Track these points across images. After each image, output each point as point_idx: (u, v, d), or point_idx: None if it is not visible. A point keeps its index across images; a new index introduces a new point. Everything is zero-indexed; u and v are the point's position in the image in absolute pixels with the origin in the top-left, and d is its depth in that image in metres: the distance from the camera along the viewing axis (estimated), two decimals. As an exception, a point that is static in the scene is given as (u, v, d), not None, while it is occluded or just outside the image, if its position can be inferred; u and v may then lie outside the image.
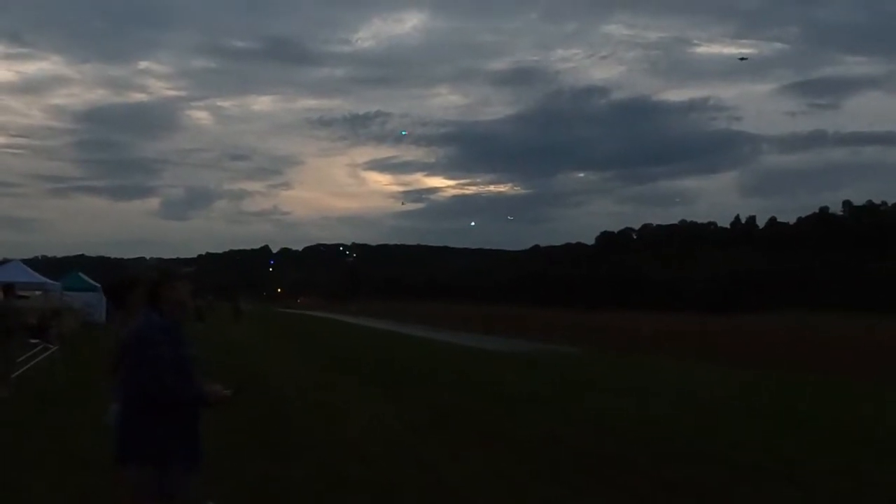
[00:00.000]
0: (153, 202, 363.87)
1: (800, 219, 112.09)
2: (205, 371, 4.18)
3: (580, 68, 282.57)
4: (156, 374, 3.83)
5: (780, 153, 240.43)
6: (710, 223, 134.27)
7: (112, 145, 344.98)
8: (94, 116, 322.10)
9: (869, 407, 13.14)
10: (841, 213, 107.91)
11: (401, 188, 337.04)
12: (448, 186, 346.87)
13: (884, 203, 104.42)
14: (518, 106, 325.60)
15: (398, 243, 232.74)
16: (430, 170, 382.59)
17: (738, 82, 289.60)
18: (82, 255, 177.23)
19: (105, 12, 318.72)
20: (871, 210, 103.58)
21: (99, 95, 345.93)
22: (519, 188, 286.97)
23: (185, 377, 3.92)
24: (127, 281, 4.21)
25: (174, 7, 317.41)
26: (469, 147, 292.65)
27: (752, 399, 14.06)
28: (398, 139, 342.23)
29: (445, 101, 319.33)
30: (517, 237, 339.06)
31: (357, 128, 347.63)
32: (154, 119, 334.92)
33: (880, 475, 7.89)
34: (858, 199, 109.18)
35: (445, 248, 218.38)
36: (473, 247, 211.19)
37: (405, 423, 10.86)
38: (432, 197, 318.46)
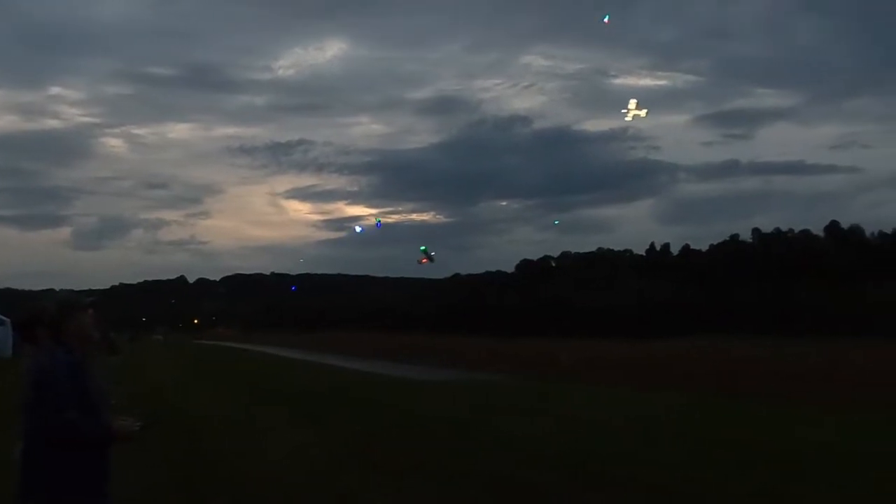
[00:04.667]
0: (64, 232, 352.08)
1: (712, 246, 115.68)
2: (114, 406, 4.07)
3: (502, 98, 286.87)
4: (58, 410, 3.72)
5: (696, 182, 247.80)
6: (626, 250, 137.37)
7: (22, 173, 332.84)
8: (3, 143, 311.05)
9: (782, 428, 13.53)
10: (750, 241, 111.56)
11: (322, 217, 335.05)
12: (370, 215, 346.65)
13: (790, 230, 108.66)
14: (441, 135, 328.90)
15: (319, 272, 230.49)
16: (353, 198, 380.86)
17: (657, 112, 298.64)
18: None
19: (15, 36, 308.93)
20: (778, 237, 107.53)
21: (8, 122, 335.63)
22: (441, 216, 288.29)
23: (90, 412, 3.81)
24: (31, 314, 4.07)
25: (89, 32, 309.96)
26: (392, 175, 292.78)
27: (668, 422, 14.35)
28: (319, 167, 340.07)
29: (368, 130, 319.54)
30: (438, 266, 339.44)
31: (278, 156, 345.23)
32: (66, 146, 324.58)
33: (797, 498, 8.13)
34: (768, 227, 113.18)
35: (366, 276, 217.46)
36: (394, 276, 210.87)
37: (327, 452, 10.75)
38: (354, 225, 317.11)
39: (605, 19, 49.31)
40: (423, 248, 30.87)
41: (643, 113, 24.46)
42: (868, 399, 16.59)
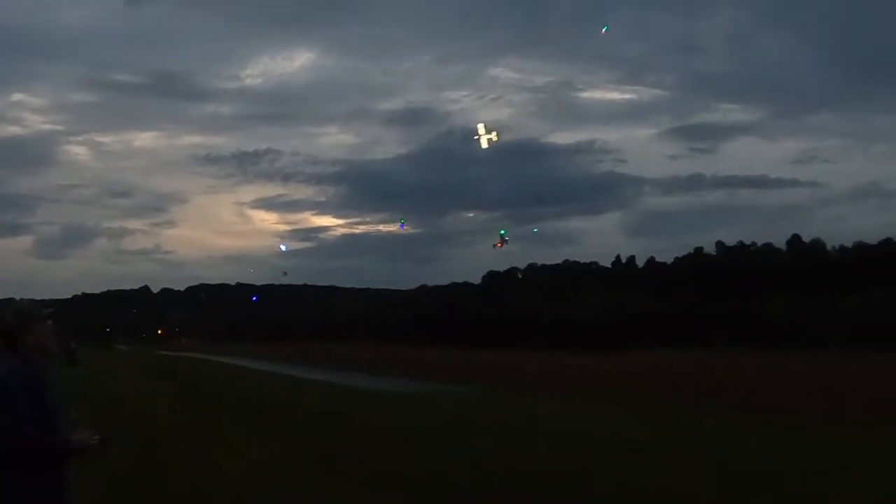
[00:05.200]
0: (26, 240, 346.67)
1: (676, 258, 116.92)
2: (72, 418, 3.97)
3: (470, 110, 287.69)
4: (13, 423, 3.60)
5: (662, 195, 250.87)
6: (592, 263, 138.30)
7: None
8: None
9: (753, 442, 13.56)
10: (714, 254, 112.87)
11: (288, 227, 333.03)
12: (337, 225, 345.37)
13: (753, 244, 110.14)
14: (409, 146, 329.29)
15: (284, 283, 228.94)
16: (320, 209, 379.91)
17: (623, 126, 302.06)
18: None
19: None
20: (742, 250, 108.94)
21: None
22: (408, 227, 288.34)
23: (47, 425, 3.70)
24: None
25: (53, 38, 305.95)
26: (359, 186, 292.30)
27: (635, 435, 14.38)
28: (286, 177, 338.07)
29: (336, 140, 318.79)
30: (405, 276, 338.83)
31: (245, 165, 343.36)
32: (29, 154, 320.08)
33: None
34: (732, 240, 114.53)
35: (332, 287, 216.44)
36: (360, 286, 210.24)
37: (290, 465, 10.65)
38: (321, 236, 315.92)
39: (604, 30, 50.42)
40: (501, 231, 31.37)
41: (494, 136, 25.13)
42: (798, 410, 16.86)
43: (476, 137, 24.80)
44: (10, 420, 3.61)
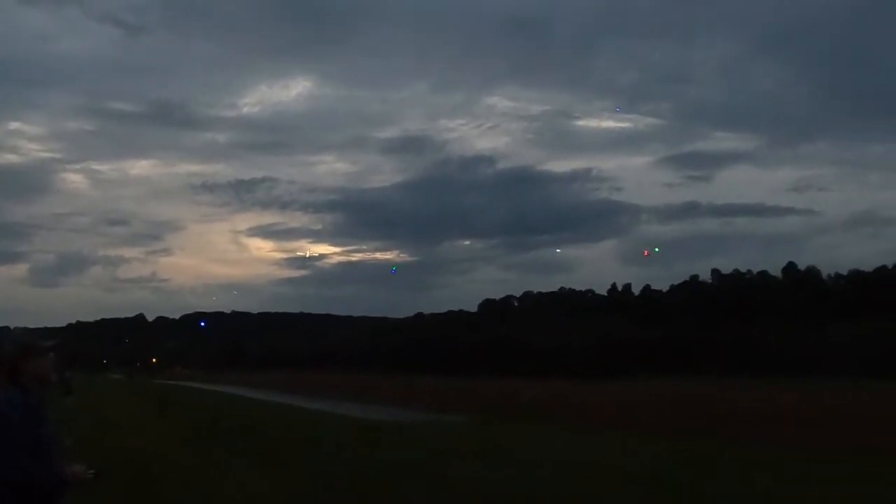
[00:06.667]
0: (21, 268, 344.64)
1: (672, 286, 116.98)
2: (67, 450, 4.08)
3: (467, 138, 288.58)
4: (11, 455, 3.68)
5: (658, 223, 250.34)
6: (588, 290, 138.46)
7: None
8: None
9: (736, 470, 13.68)
10: (710, 282, 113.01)
11: (284, 255, 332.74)
12: (333, 253, 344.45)
13: (749, 271, 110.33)
14: (405, 174, 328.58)
15: (280, 311, 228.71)
16: (316, 237, 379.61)
17: (619, 154, 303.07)
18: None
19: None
20: (737, 278, 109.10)
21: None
22: (405, 255, 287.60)
23: (43, 458, 3.78)
24: None
25: (50, 66, 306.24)
26: (356, 214, 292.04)
27: (629, 465, 14.43)
28: (283, 205, 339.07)
29: (332, 169, 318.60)
30: (401, 304, 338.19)
31: (241, 193, 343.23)
32: (25, 182, 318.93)
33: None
34: (727, 268, 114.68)
35: (328, 315, 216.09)
36: (356, 315, 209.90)
37: (285, 497, 10.70)
38: (317, 264, 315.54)
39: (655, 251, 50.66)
40: (656, 249, 31.88)
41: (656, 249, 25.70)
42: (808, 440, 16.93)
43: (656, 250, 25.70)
44: (7, 452, 3.66)
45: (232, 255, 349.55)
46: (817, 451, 15.86)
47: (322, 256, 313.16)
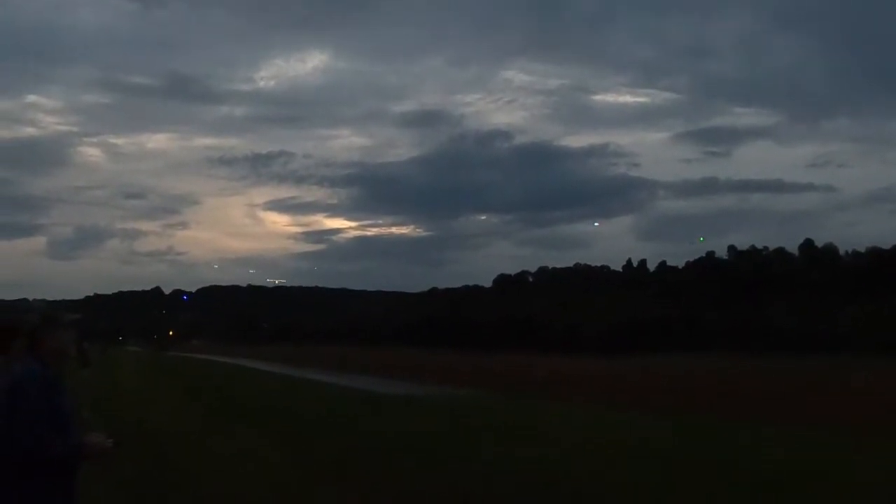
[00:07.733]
0: (39, 241, 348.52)
1: (688, 263, 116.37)
2: (85, 421, 4.04)
3: (483, 113, 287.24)
4: (29, 427, 3.65)
5: (675, 199, 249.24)
6: (603, 266, 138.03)
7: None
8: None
9: (758, 448, 13.52)
10: (726, 258, 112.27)
11: (300, 229, 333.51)
12: (349, 228, 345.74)
13: (765, 248, 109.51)
14: (422, 148, 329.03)
15: (295, 285, 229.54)
16: (332, 211, 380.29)
17: (636, 129, 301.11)
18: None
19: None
20: (753, 255, 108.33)
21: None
22: (420, 230, 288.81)
23: (61, 429, 3.75)
24: (7, 326, 3.99)
25: (67, 40, 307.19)
26: (372, 188, 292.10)
27: (645, 442, 14.32)
28: (299, 179, 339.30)
29: (349, 143, 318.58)
30: (416, 279, 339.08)
31: (258, 167, 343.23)
32: (43, 155, 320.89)
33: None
34: (744, 244, 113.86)
35: (343, 290, 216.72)
36: (372, 289, 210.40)
37: (299, 471, 10.69)
38: (333, 238, 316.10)
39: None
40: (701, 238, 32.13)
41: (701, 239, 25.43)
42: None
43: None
44: (26, 424, 3.65)
45: (248, 229, 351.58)
46: (838, 427, 15.71)
47: (337, 231, 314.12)
